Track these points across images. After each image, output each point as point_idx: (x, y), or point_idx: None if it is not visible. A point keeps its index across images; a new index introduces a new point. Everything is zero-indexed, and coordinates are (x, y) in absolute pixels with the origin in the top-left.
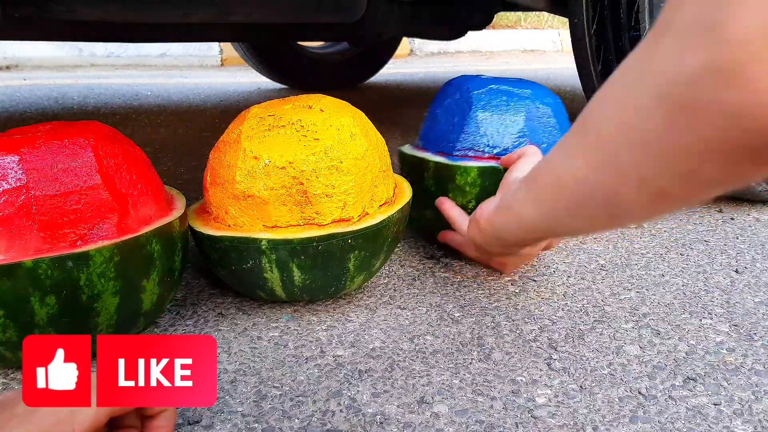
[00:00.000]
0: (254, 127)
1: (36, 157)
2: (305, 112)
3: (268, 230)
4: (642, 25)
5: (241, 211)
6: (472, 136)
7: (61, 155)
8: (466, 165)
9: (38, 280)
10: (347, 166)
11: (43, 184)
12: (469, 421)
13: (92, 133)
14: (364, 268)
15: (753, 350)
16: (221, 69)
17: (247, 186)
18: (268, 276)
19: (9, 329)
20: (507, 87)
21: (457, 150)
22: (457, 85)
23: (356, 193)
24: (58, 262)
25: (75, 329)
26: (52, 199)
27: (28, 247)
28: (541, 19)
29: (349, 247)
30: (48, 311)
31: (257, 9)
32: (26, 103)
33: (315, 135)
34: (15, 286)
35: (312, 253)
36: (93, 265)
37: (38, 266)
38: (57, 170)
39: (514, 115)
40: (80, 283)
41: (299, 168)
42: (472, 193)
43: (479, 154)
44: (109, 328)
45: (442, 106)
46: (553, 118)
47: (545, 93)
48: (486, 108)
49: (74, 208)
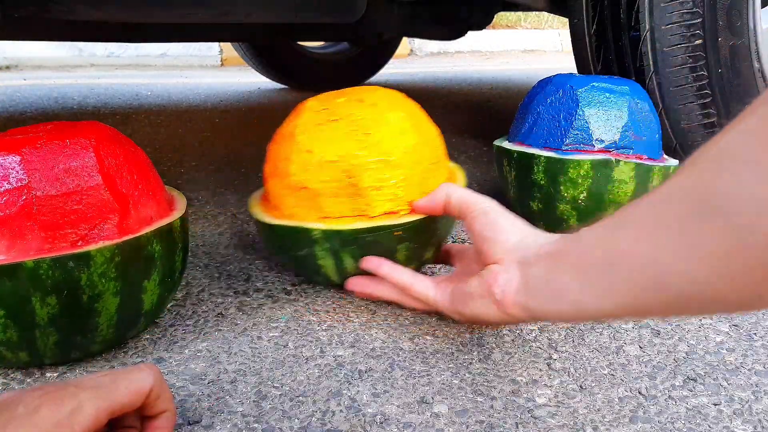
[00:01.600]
0: (308, 121)
1: (37, 157)
2: (358, 106)
3: (321, 220)
4: (642, 25)
5: (297, 202)
6: (581, 132)
7: (62, 155)
8: (579, 158)
9: (39, 280)
10: (397, 160)
11: (45, 184)
12: (469, 421)
13: (93, 133)
14: (415, 258)
15: (753, 350)
16: (221, 69)
17: (301, 178)
18: (322, 263)
19: (9, 329)
20: (607, 84)
21: (566, 145)
22: (558, 84)
23: (406, 186)
24: (59, 262)
25: (75, 329)
26: (54, 199)
27: (30, 247)
28: (541, 19)
29: (398, 239)
30: (49, 311)
31: (257, 9)
32: (26, 103)
33: (366, 130)
34: (16, 287)
35: (362, 244)
36: (94, 265)
37: (39, 266)
38: (58, 170)
39: (618, 111)
40: (81, 283)
41: (350, 162)
42: (584, 185)
43: (589, 148)
44: (109, 329)
45: (545, 104)
46: (651, 114)
47: (640, 89)
48: (591, 104)
49: (75, 208)
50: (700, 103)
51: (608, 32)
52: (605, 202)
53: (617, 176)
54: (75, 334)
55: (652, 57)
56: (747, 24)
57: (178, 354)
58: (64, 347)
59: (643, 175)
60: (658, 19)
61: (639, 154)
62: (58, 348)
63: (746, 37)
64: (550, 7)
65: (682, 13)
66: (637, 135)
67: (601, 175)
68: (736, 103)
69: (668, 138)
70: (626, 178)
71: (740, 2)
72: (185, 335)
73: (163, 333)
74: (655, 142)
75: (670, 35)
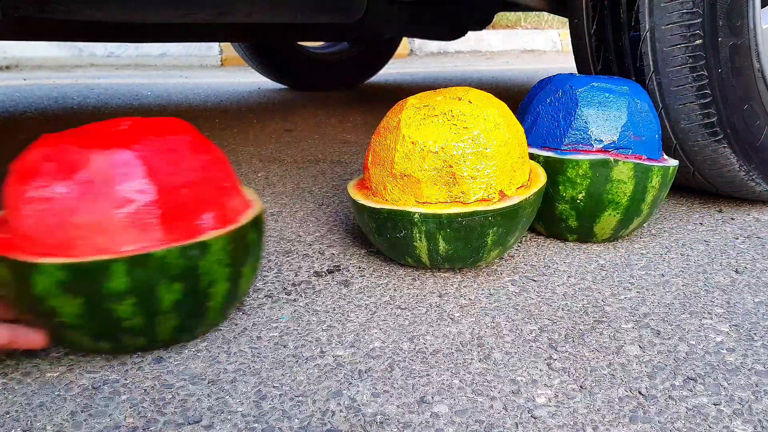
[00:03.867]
0: (411, 116)
1: (152, 153)
2: (456, 103)
3: (420, 205)
4: (642, 25)
5: (398, 188)
6: (579, 132)
7: (174, 152)
8: (578, 158)
9: (167, 268)
10: (492, 152)
11: (162, 178)
12: (469, 421)
13: (186, 130)
14: (500, 243)
15: (753, 350)
16: (221, 69)
17: (404, 167)
18: (417, 245)
19: (138, 316)
20: (607, 84)
21: (564, 145)
22: (557, 84)
23: (498, 176)
24: (184, 251)
25: (192, 313)
26: (170, 192)
27: (153, 238)
28: (541, 19)
29: (489, 224)
30: (173, 297)
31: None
32: (26, 103)
33: (464, 124)
34: (147, 275)
35: (456, 227)
36: (211, 252)
37: (168, 255)
38: (172, 166)
39: (617, 111)
40: (200, 270)
41: (449, 153)
42: (582, 184)
43: (587, 148)
44: (216, 313)
45: (545, 104)
46: (650, 113)
47: (640, 89)
48: (591, 104)
49: (188, 200)
50: (700, 103)
51: (608, 32)
52: (604, 201)
53: (616, 176)
54: (191, 317)
55: (652, 57)
56: (747, 24)
57: (178, 354)
58: (178, 331)
59: (642, 175)
60: (658, 19)
61: (638, 154)
62: (174, 332)
63: (746, 37)
64: (550, 7)
65: (682, 13)
66: (637, 135)
67: (600, 175)
68: (736, 103)
69: (668, 138)
70: (625, 178)
71: (740, 2)
72: None
73: None
74: (654, 142)
75: (670, 35)
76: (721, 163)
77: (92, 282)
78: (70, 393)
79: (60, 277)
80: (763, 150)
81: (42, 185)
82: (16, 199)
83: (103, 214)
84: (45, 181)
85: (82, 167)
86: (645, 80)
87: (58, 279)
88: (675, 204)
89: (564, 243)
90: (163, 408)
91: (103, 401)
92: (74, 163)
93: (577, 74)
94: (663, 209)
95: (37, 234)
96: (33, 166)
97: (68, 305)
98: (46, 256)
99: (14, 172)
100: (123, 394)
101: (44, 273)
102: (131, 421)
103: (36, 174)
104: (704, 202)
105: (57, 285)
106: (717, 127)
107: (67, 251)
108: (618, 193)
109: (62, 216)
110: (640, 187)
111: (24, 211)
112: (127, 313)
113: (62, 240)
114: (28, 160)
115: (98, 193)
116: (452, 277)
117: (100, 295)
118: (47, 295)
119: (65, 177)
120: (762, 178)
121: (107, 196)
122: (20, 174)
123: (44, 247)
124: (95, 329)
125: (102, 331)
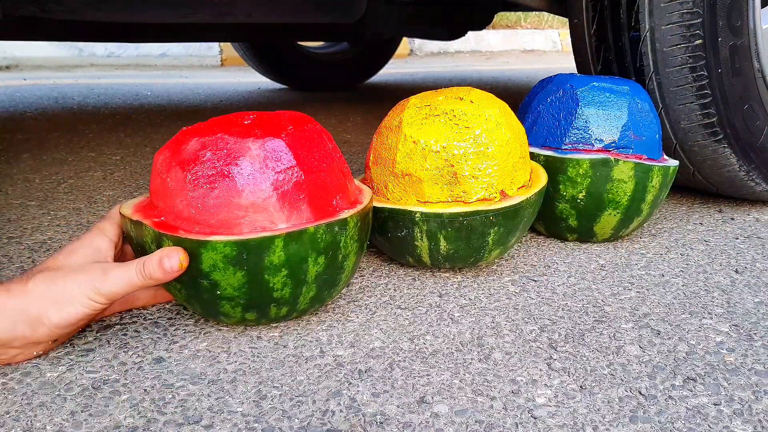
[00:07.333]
0: (413, 115)
1: (295, 141)
2: (457, 103)
3: (421, 204)
4: (642, 25)
5: (399, 187)
6: (580, 131)
7: (311, 140)
8: (578, 158)
9: (316, 242)
10: (493, 152)
11: (306, 164)
12: (469, 421)
13: (311, 121)
14: (501, 242)
15: (753, 350)
16: (221, 69)
17: (405, 166)
18: (418, 244)
19: (287, 287)
20: (607, 84)
21: (565, 144)
22: (558, 84)
23: (499, 176)
24: (330, 227)
25: (328, 285)
26: (313, 175)
27: (301, 217)
28: (541, 19)
29: (490, 223)
30: (317, 269)
31: (257, 9)
32: (26, 103)
33: (466, 123)
34: (300, 249)
35: (457, 227)
36: (348, 228)
37: (317, 231)
38: (313, 152)
39: (618, 110)
40: (340, 245)
41: (451, 152)
42: (583, 184)
43: (588, 147)
44: (343, 284)
45: (545, 103)
46: (651, 113)
47: (640, 89)
48: (591, 104)
49: (325, 183)
50: (700, 103)
51: (608, 32)
52: (604, 201)
53: (616, 176)
54: (326, 288)
55: (652, 57)
56: (747, 24)
57: (178, 354)
58: (314, 301)
59: (642, 174)
60: (658, 19)
61: (638, 154)
62: (311, 302)
63: (746, 37)
64: (550, 7)
65: (682, 13)
66: (637, 135)
67: (600, 175)
68: (736, 103)
69: (668, 138)
70: (625, 177)
71: (740, 2)
72: (185, 335)
73: (163, 333)
74: (655, 142)
75: (670, 35)
76: (721, 163)
77: (255, 256)
78: (70, 393)
79: (227, 253)
80: (763, 150)
81: (206, 171)
82: (176, 184)
83: (263, 196)
84: (209, 168)
85: (242, 155)
86: (645, 80)
87: (225, 254)
88: (675, 204)
89: (564, 243)
90: (163, 408)
91: (103, 401)
92: (233, 151)
93: (578, 74)
94: (663, 209)
95: (201, 215)
96: (193, 154)
97: (231, 278)
98: (211, 235)
99: (169, 161)
100: (123, 394)
101: (214, 249)
102: (131, 421)
103: (198, 161)
104: (704, 202)
105: (224, 260)
106: (717, 127)
107: (230, 230)
108: (618, 193)
109: (227, 198)
110: (640, 186)
111: (189, 195)
112: (279, 284)
113: (225, 219)
114: (186, 149)
115: (258, 178)
116: (452, 277)
117: (260, 267)
118: (212, 270)
119: (228, 163)
120: (762, 178)
121: (266, 180)
122: (179, 162)
123: (207, 226)
124: (249, 300)
125: (255, 301)
